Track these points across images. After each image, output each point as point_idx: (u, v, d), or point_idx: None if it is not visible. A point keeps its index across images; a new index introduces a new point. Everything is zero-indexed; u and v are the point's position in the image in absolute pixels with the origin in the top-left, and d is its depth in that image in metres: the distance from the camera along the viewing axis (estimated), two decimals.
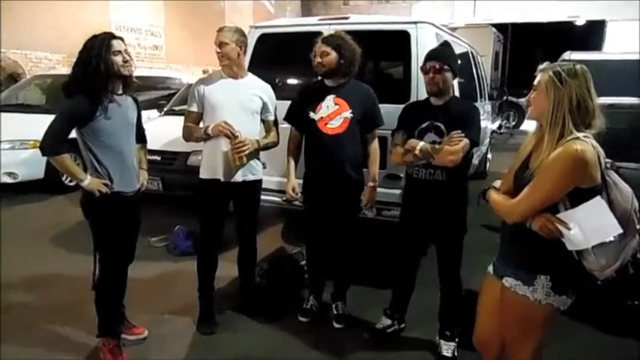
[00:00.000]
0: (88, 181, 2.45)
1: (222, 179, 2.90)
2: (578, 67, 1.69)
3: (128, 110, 2.58)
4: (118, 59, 2.42)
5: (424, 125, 2.66)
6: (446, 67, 2.56)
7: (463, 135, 2.48)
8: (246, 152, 2.80)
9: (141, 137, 2.84)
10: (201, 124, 2.94)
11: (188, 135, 2.97)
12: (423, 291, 2.98)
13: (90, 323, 2.85)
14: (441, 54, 2.67)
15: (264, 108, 3.00)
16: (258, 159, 3.05)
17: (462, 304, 2.80)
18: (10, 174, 5.86)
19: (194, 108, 2.93)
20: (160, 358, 2.79)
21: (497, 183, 1.94)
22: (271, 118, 3.07)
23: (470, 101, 3.31)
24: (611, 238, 1.59)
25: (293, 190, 3.07)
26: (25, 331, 2.99)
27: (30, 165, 5.70)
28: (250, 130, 2.90)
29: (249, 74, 3.02)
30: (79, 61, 2.43)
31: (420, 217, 2.78)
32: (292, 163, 3.09)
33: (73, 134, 2.47)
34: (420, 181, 2.69)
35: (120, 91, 2.54)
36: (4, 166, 5.78)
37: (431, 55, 2.66)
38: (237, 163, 2.81)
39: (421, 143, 2.56)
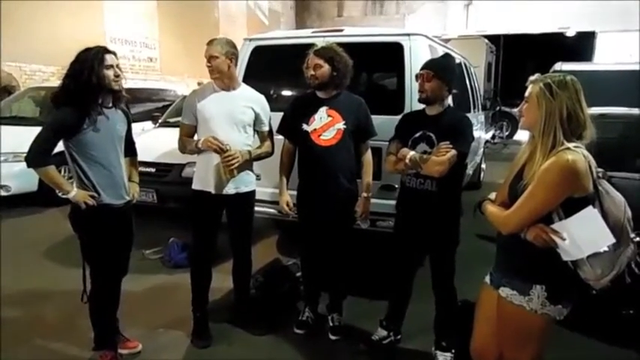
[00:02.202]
0: (74, 192, 2.43)
1: (213, 192, 2.90)
2: (568, 78, 1.71)
3: (117, 123, 2.58)
4: (110, 73, 2.42)
5: (417, 135, 2.68)
6: (435, 75, 2.59)
7: (451, 146, 2.50)
8: (236, 165, 2.81)
9: (131, 150, 2.83)
10: (196, 136, 2.95)
11: (182, 147, 2.99)
12: (419, 302, 2.98)
13: (83, 336, 2.84)
14: (433, 64, 2.71)
15: (257, 119, 3.00)
16: (251, 170, 3.04)
17: (457, 315, 2.80)
18: (3, 187, 5.82)
19: (187, 120, 2.95)
20: None
21: (493, 195, 1.95)
22: (265, 128, 3.07)
23: (463, 113, 3.34)
24: (605, 248, 1.59)
25: (287, 204, 3.08)
26: (17, 346, 2.95)
27: (23, 178, 5.66)
28: (241, 142, 2.91)
29: (242, 85, 3.03)
30: (70, 73, 2.42)
31: (411, 225, 2.79)
32: (284, 178, 3.09)
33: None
34: (412, 190, 2.72)
35: (110, 104, 2.54)
36: None
37: (424, 64, 2.72)
38: (228, 175, 2.82)
39: (411, 153, 2.59)
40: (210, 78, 2.91)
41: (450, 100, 2.80)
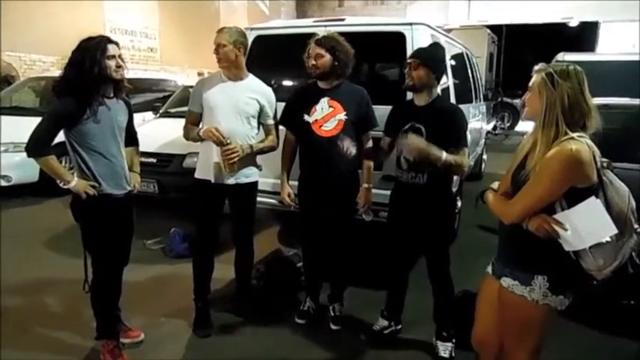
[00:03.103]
0: (75, 182, 2.42)
1: (212, 180, 2.89)
2: (571, 67, 1.70)
3: (118, 114, 2.57)
4: (112, 63, 2.41)
5: (406, 127, 2.66)
6: (421, 64, 2.57)
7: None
8: (236, 159, 2.79)
9: (132, 140, 2.82)
10: (201, 125, 2.94)
11: (186, 134, 2.99)
12: (419, 292, 2.98)
13: (86, 326, 2.85)
14: (421, 52, 2.70)
15: (262, 112, 2.98)
16: (254, 164, 3.03)
17: (454, 305, 2.82)
18: (3, 177, 5.81)
19: (193, 108, 2.94)
20: None
21: (495, 184, 1.95)
22: (270, 122, 3.05)
23: (453, 103, 3.31)
24: (608, 239, 1.59)
25: (288, 196, 3.08)
26: (20, 335, 2.97)
27: (24, 168, 5.65)
28: (244, 134, 2.89)
29: (250, 76, 3.00)
30: (72, 62, 2.40)
31: (404, 219, 2.79)
32: (286, 169, 3.09)
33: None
34: (404, 184, 2.73)
35: (111, 95, 2.53)
36: None
37: (412, 53, 2.72)
38: (228, 170, 2.80)
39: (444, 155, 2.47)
40: (213, 67, 2.90)
41: (452, 93, 2.78)
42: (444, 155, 2.46)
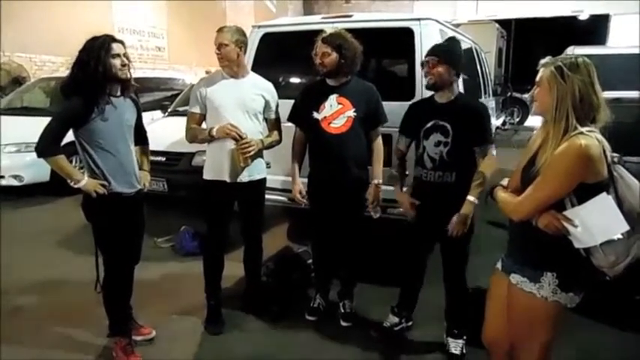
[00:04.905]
0: (85, 181, 2.44)
1: (228, 180, 2.90)
2: (580, 60, 1.67)
3: (126, 112, 2.58)
4: (117, 62, 2.42)
5: (429, 125, 2.63)
6: (440, 61, 2.53)
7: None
8: (252, 153, 2.81)
9: (142, 139, 2.84)
10: (203, 125, 2.95)
11: (192, 137, 2.97)
12: (430, 289, 2.98)
13: (98, 324, 2.88)
14: (438, 49, 2.65)
15: (267, 107, 2.99)
16: (262, 158, 3.05)
17: (467, 303, 2.80)
18: (15, 177, 5.90)
19: (196, 109, 2.94)
20: (168, 358, 2.81)
21: (505, 181, 1.93)
22: (274, 116, 3.06)
23: (477, 99, 3.25)
24: (619, 236, 1.56)
25: (299, 192, 3.08)
26: (33, 333, 3.01)
27: (36, 168, 5.72)
28: (253, 130, 2.91)
29: (251, 73, 3.02)
30: (77, 62, 2.42)
31: (428, 218, 2.73)
32: (297, 166, 3.09)
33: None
34: (430, 184, 2.68)
35: (118, 93, 2.54)
36: (10, 169, 5.82)
37: (429, 50, 2.67)
38: (243, 164, 2.82)
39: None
40: (218, 66, 2.90)
41: (461, 87, 2.75)
42: (472, 199, 2.56)
